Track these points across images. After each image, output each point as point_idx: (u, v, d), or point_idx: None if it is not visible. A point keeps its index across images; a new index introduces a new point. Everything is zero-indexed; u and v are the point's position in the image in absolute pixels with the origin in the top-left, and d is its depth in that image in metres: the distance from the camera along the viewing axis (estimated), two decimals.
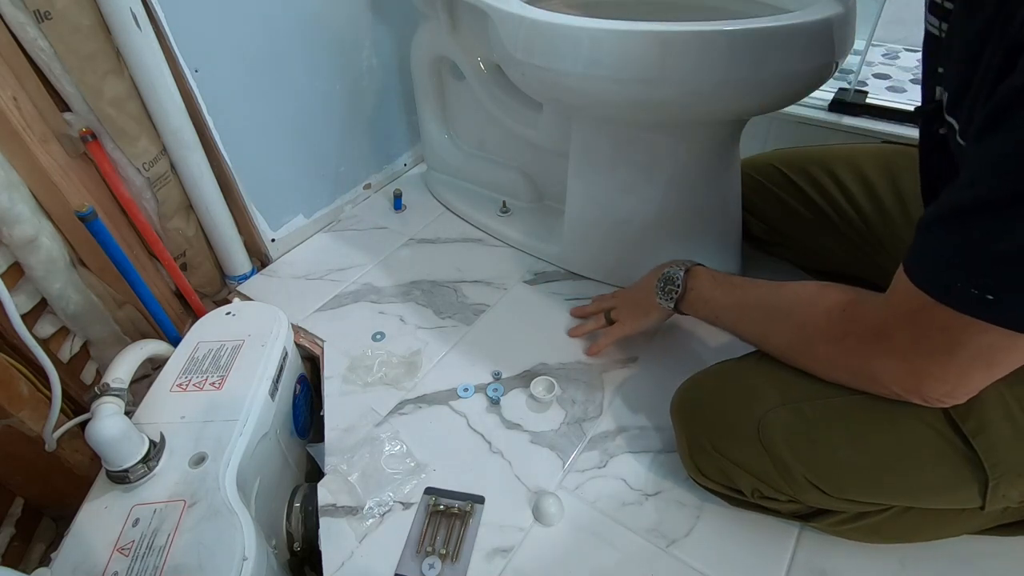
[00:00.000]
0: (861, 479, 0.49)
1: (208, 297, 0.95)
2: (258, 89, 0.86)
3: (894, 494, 0.50)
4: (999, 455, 0.44)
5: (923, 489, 0.48)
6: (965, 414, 0.45)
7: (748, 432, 0.52)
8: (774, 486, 0.53)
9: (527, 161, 1.01)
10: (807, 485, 0.50)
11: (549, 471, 0.66)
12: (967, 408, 0.45)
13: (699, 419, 0.59)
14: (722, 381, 0.59)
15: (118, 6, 0.66)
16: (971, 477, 0.46)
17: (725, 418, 0.55)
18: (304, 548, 0.65)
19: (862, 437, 0.48)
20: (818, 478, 0.50)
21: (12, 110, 0.62)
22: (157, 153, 0.78)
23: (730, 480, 0.56)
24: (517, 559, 0.59)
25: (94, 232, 0.69)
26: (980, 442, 0.44)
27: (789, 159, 0.80)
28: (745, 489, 0.55)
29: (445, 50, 0.94)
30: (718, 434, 0.56)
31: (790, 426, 0.51)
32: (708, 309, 0.63)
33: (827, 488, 0.50)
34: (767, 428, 0.51)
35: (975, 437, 0.45)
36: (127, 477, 0.56)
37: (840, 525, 0.54)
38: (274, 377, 0.69)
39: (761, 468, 0.52)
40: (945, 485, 0.47)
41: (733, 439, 0.54)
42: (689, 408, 0.60)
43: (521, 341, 0.82)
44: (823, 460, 0.50)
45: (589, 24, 0.63)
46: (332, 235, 1.05)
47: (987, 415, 0.44)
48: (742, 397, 0.55)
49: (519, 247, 0.99)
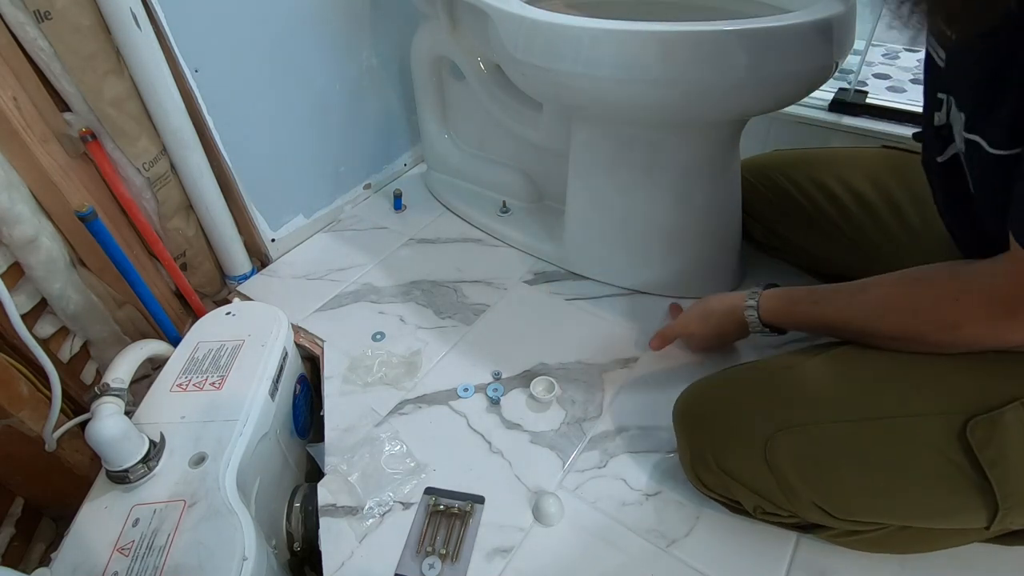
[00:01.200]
0: (868, 503, 0.48)
1: (208, 297, 0.95)
2: (258, 89, 0.86)
3: (900, 518, 0.50)
4: (1012, 486, 0.44)
5: (930, 515, 0.48)
6: (985, 443, 0.44)
7: (754, 452, 0.51)
8: (777, 503, 0.52)
9: (527, 161, 1.01)
10: (812, 507, 0.50)
11: (549, 471, 0.66)
12: (988, 436, 0.44)
13: (704, 434, 0.57)
14: (729, 395, 0.57)
15: (118, 6, 0.66)
16: (980, 504, 0.45)
17: (731, 436, 0.54)
18: (304, 548, 0.65)
19: (872, 463, 0.48)
20: (825, 501, 0.49)
21: (12, 110, 0.62)
22: (157, 153, 0.78)
23: (731, 494, 0.55)
24: (517, 559, 0.59)
25: (94, 232, 0.69)
26: (996, 472, 0.43)
27: (789, 162, 0.80)
28: (747, 505, 0.55)
29: (445, 50, 0.94)
30: (722, 452, 0.55)
31: (798, 449, 0.50)
32: (799, 311, 0.60)
33: (833, 511, 0.49)
34: (774, 450, 0.50)
35: (992, 468, 0.43)
36: (127, 477, 0.56)
37: (839, 537, 0.54)
38: (274, 377, 0.69)
39: (765, 488, 0.52)
40: (953, 512, 0.47)
41: (738, 458, 0.53)
42: (694, 420, 0.59)
43: (521, 341, 0.82)
44: (831, 484, 0.49)
45: (589, 24, 0.63)
46: (332, 235, 1.05)
47: (1007, 446, 0.43)
48: (749, 416, 0.54)
49: (519, 247, 0.99)
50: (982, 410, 0.44)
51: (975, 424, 0.44)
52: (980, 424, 0.44)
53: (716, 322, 0.69)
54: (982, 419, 0.44)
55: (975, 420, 0.44)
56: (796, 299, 0.60)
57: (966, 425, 0.44)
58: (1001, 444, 0.43)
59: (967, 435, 0.44)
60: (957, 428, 0.44)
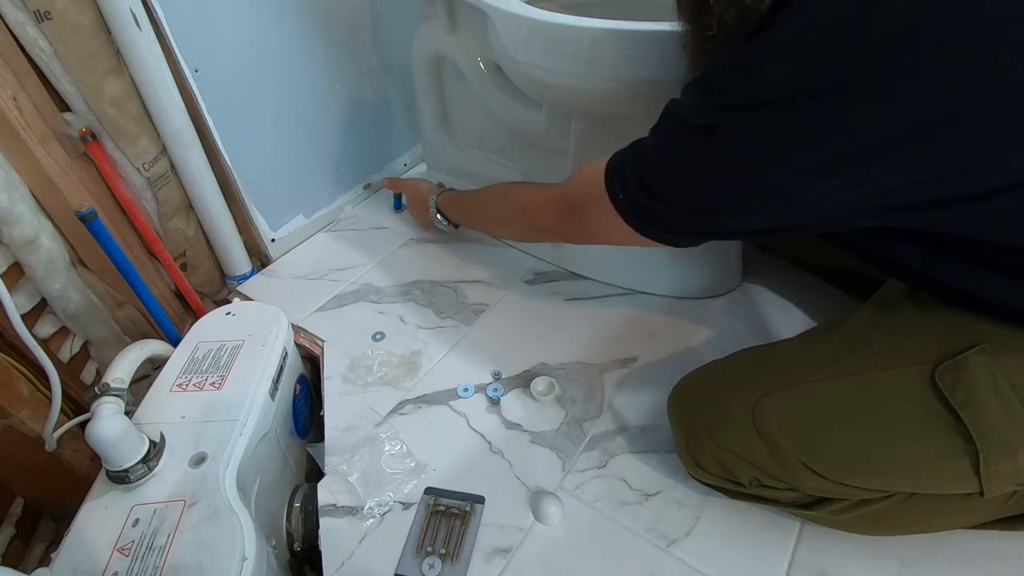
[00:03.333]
0: (853, 458, 0.50)
1: (208, 297, 0.95)
2: (258, 89, 0.86)
3: (888, 474, 0.50)
4: (987, 426, 0.45)
5: (917, 467, 0.49)
6: (953, 386, 0.46)
7: (743, 418, 0.54)
8: (771, 473, 0.53)
9: (527, 161, 1.01)
10: (803, 469, 0.51)
11: (549, 471, 0.66)
12: (955, 380, 0.46)
13: (694, 410, 0.60)
14: (715, 374, 0.61)
15: (118, 6, 0.66)
16: (962, 451, 0.47)
17: (720, 406, 0.57)
18: (304, 548, 0.65)
19: (852, 417, 0.50)
20: (813, 460, 0.51)
21: (12, 110, 0.62)
22: (157, 153, 0.78)
23: (728, 472, 0.56)
24: (517, 559, 0.59)
25: (94, 232, 0.69)
26: (968, 414, 0.46)
27: None
28: (743, 479, 0.55)
29: (445, 50, 0.94)
30: (714, 422, 0.57)
31: (783, 410, 0.53)
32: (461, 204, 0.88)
33: (822, 470, 0.51)
34: (761, 413, 0.53)
35: (963, 409, 0.46)
36: (127, 477, 0.56)
37: (840, 514, 0.54)
38: (274, 377, 0.69)
39: (757, 454, 0.53)
40: (938, 460, 0.48)
41: (729, 426, 0.55)
42: (684, 401, 0.62)
43: (521, 341, 0.82)
44: (815, 442, 0.51)
45: (589, 24, 0.63)
46: (332, 235, 1.05)
47: (975, 388, 0.46)
48: (735, 385, 0.57)
49: (519, 247, 0.99)
50: (948, 356, 0.47)
51: (943, 370, 0.47)
52: (947, 369, 0.47)
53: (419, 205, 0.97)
54: (948, 364, 0.47)
55: (942, 366, 0.47)
56: (453, 200, 0.90)
57: (935, 372, 0.47)
58: (968, 387, 0.46)
59: (936, 381, 0.47)
60: (927, 375, 0.47)
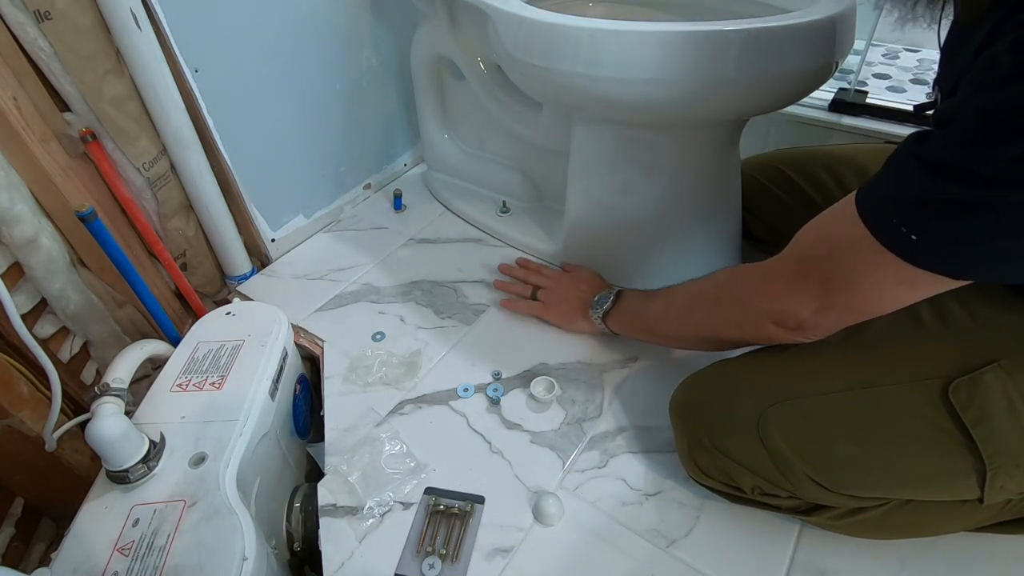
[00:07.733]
0: (860, 474, 0.50)
1: (208, 297, 0.95)
2: (258, 89, 0.86)
3: (893, 487, 0.50)
4: (999, 444, 0.45)
5: (922, 481, 0.49)
6: (967, 403, 0.45)
7: (747, 429, 0.53)
8: (774, 482, 0.53)
9: (527, 161, 1.01)
10: (807, 481, 0.51)
11: (549, 471, 0.66)
12: (969, 397, 0.45)
13: (698, 416, 0.59)
14: (720, 379, 0.60)
15: (118, 6, 0.66)
16: (970, 468, 0.46)
17: (724, 415, 0.56)
18: (304, 548, 0.65)
19: (860, 432, 0.49)
20: (817, 473, 0.50)
21: (12, 110, 0.62)
22: (157, 153, 0.78)
23: (730, 478, 0.56)
24: (517, 559, 0.59)
25: (94, 232, 0.69)
26: (980, 431, 0.45)
27: (790, 159, 0.80)
28: (745, 487, 0.55)
29: (445, 50, 0.94)
30: (717, 431, 0.56)
31: (789, 422, 0.51)
32: (640, 321, 0.71)
33: (826, 483, 0.50)
34: (766, 424, 0.52)
35: (975, 426, 0.45)
36: (127, 477, 0.56)
37: (839, 519, 0.54)
38: (274, 377, 0.69)
39: (761, 464, 0.53)
40: (944, 476, 0.48)
41: (732, 436, 0.54)
42: (688, 406, 0.61)
43: (521, 341, 0.82)
44: (822, 456, 0.50)
45: (589, 24, 0.63)
46: (332, 235, 1.05)
47: (989, 405, 0.45)
48: (741, 394, 0.56)
49: (519, 247, 0.99)
50: (963, 372, 0.46)
51: (957, 385, 0.46)
52: (962, 385, 0.45)
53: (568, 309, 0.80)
54: (963, 380, 0.45)
55: (957, 382, 0.46)
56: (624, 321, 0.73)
57: (948, 388, 0.46)
58: (983, 404, 0.45)
59: (949, 397, 0.45)
60: (940, 391, 0.46)
